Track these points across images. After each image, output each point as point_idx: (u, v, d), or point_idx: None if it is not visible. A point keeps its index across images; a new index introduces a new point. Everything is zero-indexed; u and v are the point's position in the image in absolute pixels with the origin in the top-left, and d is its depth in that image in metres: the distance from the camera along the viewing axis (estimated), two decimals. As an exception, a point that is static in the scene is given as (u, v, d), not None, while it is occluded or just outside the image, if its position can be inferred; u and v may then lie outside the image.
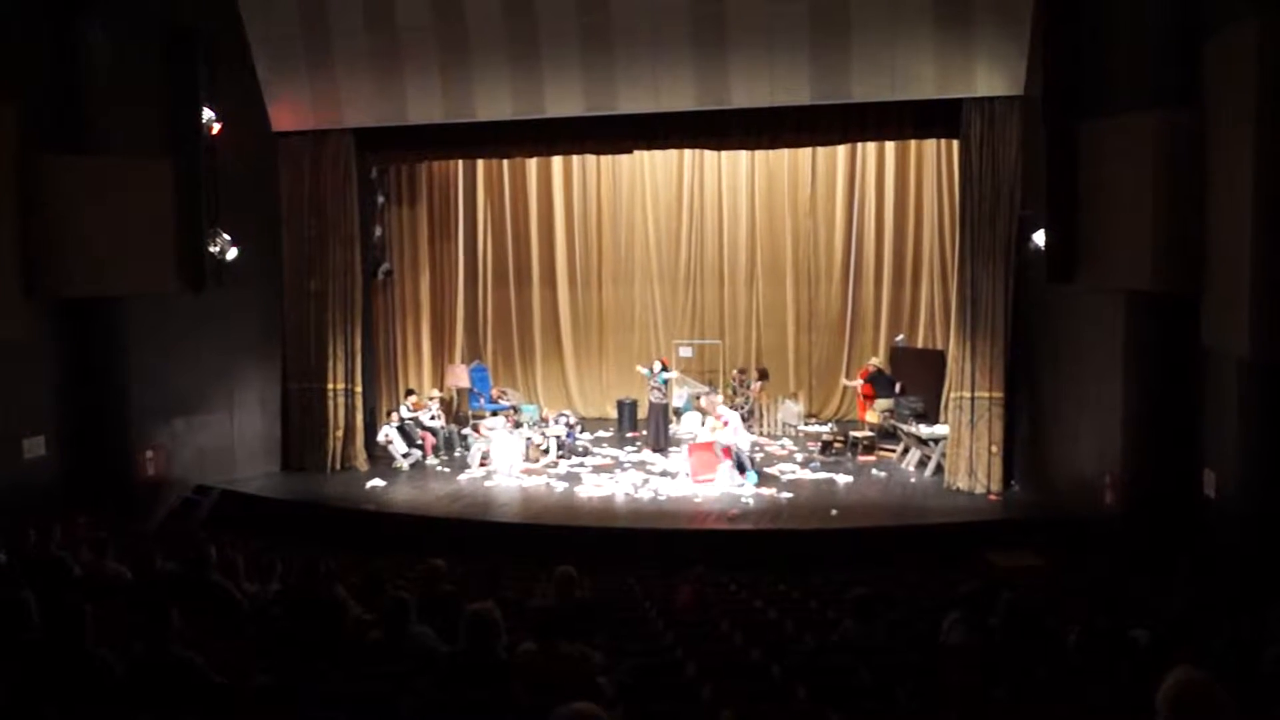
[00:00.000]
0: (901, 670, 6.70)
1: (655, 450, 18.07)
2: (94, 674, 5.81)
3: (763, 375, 19.54)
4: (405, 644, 6.57)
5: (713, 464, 16.12)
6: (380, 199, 19.01)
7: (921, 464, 16.53)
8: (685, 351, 20.28)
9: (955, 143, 15.74)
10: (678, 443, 18.26)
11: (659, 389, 18.34)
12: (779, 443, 18.84)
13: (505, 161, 20.64)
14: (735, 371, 19.84)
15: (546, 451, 17.72)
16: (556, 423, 18.19)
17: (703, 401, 17.53)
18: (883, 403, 18.03)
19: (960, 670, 6.62)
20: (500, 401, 19.77)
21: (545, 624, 6.36)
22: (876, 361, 18.82)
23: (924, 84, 14.79)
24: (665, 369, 18.48)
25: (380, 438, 17.75)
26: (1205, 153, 10.43)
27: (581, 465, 17.37)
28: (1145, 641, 6.90)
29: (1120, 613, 8.15)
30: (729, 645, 8.17)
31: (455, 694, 5.67)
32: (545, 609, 7.50)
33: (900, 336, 19.66)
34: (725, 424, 16.29)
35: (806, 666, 6.82)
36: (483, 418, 18.94)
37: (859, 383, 18.59)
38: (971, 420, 15.10)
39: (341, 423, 17.29)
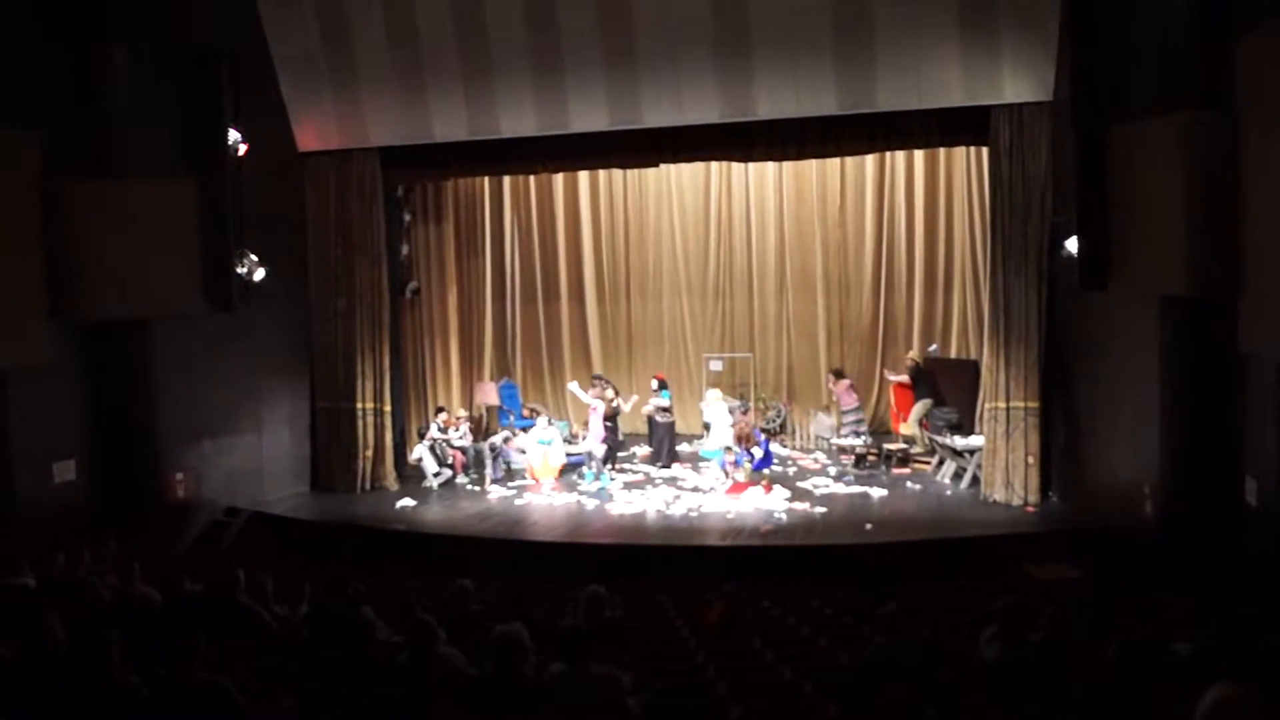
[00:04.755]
0: (936, 687, 6.56)
1: (663, 466, 18.04)
2: (121, 699, 5.77)
3: (839, 375, 19.21)
4: (433, 666, 6.50)
5: (744, 487, 16.10)
6: (407, 217, 19.04)
7: (957, 476, 16.36)
8: (715, 365, 20.15)
9: (984, 150, 15.62)
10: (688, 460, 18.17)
11: (665, 409, 18.22)
12: (812, 456, 18.70)
13: (531, 177, 20.61)
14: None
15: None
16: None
17: (734, 418, 17.36)
18: (922, 406, 17.79)
19: (996, 687, 6.49)
20: (531, 418, 19.71)
21: (574, 644, 6.29)
22: (914, 355, 18.58)
23: (951, 91, 14.66)
24: (664, 386, 18.34)
25: (412, 457, 17.73)
26: (1238, 153, 10.26)
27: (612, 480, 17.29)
28: (1186, 655, 6.75)
29: (1160, 625, 7.99)
30: (761, 663, 8.05)
31: (483, 717, 5.59)
32: (574, 629, 7.43)
33: (933, 346, 19.44)
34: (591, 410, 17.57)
35: (838, 685, 6.70)
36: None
37: (904, 378, 18.32)
38: (1007, 431, 14.93)
39: (371, 442, 17.28)
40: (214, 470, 16.10)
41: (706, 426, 18.62)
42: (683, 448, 18.85)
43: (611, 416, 17.76)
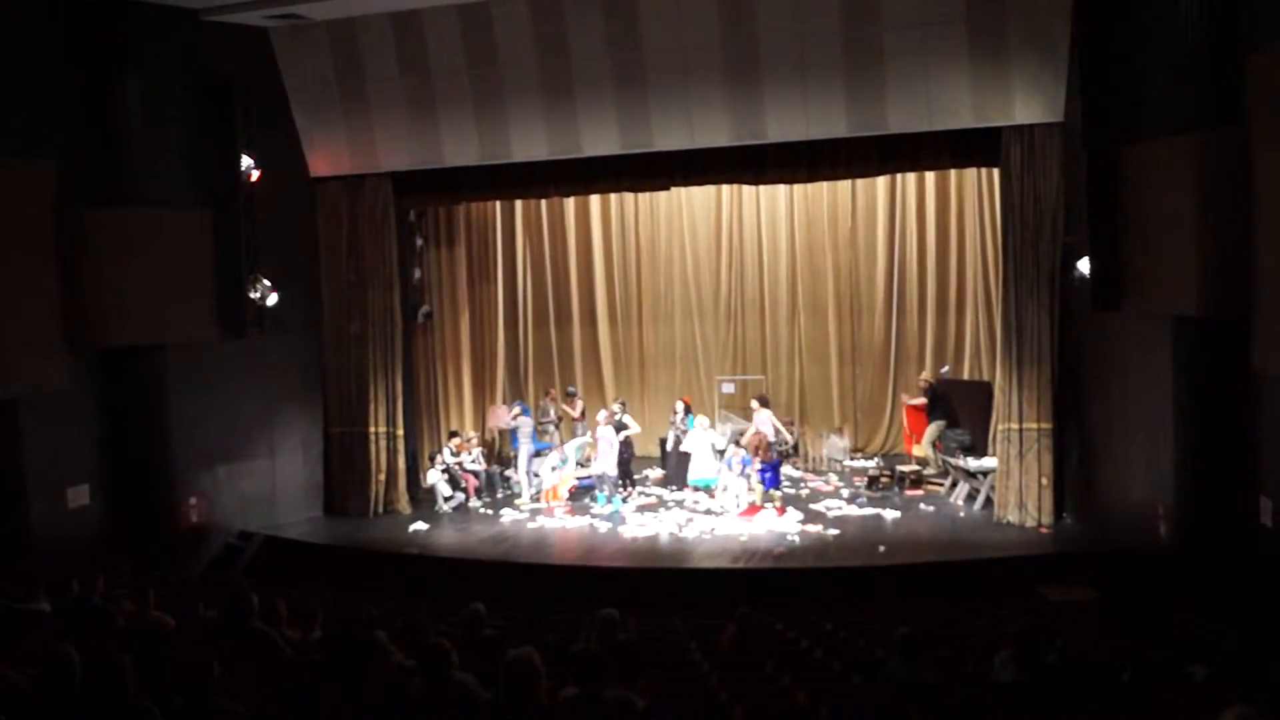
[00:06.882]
0: (951, 710, 6.54)
1: (678, 489, 17.94)
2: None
3: (763, 402, 18.62)
4: (447, 691, 6.48)
5: (756, 510, 16.13)
6: (419, 241, 19.08)
7: (970, 498, 16.30)
8: (727, 388, 20.10)
9: (995, 171, 15.60)
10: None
11: (684, 432, 18.16)
12: (824, 478, 18.64)
13: (543, 201, 20.65)
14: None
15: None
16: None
17: (744, 439, 17.31)
18: (935, 428, 17.72)
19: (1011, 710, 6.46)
20: (544, 440, 19.67)
21: (587, 668, 6.26)
22: (927, 375, 18.52)
23: (961, 113, 14.66)
24: (689, 411, 18.26)
25: (425, 481, 17.73)
26: (1250, 172, 10.23)
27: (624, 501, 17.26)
28: (1201, 677, 6.72)
29: (1176, 647, 7.95)
30: (775, 686, 8.02)
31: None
32: (587, 653, 7.40)
33: (945, 368, 19.39)
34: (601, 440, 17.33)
35: (853, 708, 6.67)
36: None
37: (921, 400, 18.24)
38: (1020, 452, 14.86)
39: (384, 466, 17.28)
40: (227, 495, 16.12)
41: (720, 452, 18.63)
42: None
43: (618, 429, 17.67)
